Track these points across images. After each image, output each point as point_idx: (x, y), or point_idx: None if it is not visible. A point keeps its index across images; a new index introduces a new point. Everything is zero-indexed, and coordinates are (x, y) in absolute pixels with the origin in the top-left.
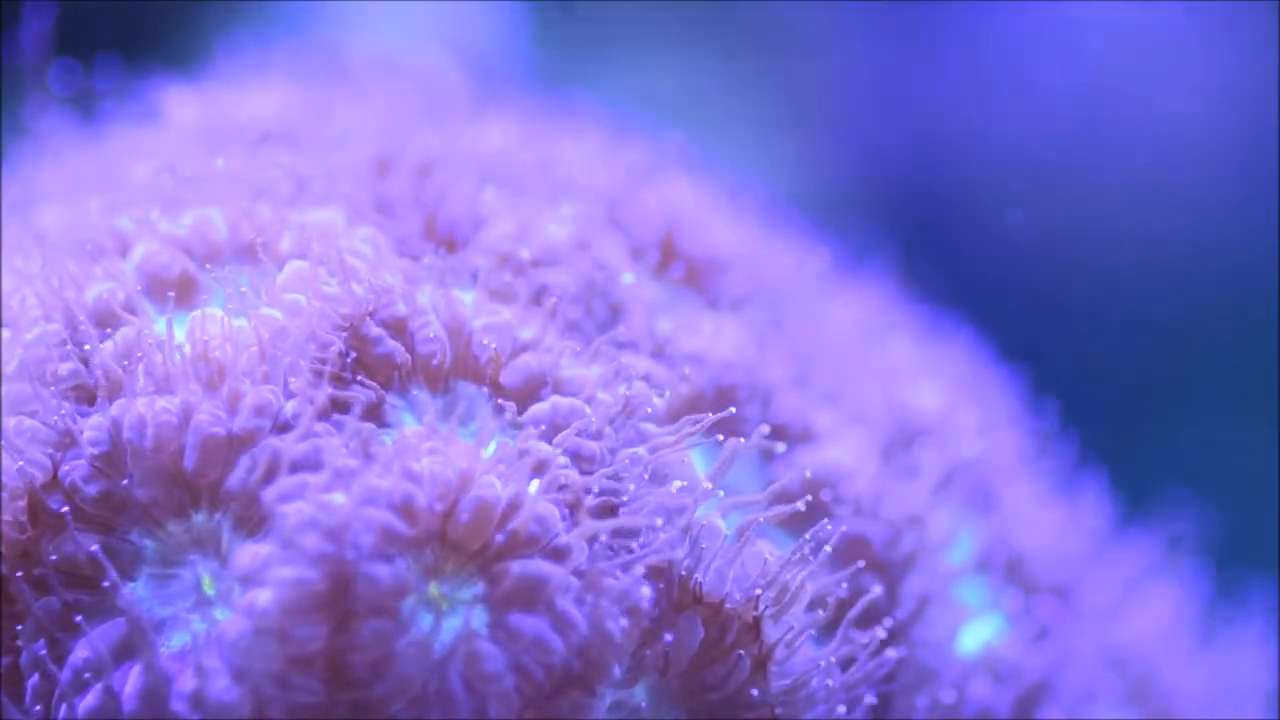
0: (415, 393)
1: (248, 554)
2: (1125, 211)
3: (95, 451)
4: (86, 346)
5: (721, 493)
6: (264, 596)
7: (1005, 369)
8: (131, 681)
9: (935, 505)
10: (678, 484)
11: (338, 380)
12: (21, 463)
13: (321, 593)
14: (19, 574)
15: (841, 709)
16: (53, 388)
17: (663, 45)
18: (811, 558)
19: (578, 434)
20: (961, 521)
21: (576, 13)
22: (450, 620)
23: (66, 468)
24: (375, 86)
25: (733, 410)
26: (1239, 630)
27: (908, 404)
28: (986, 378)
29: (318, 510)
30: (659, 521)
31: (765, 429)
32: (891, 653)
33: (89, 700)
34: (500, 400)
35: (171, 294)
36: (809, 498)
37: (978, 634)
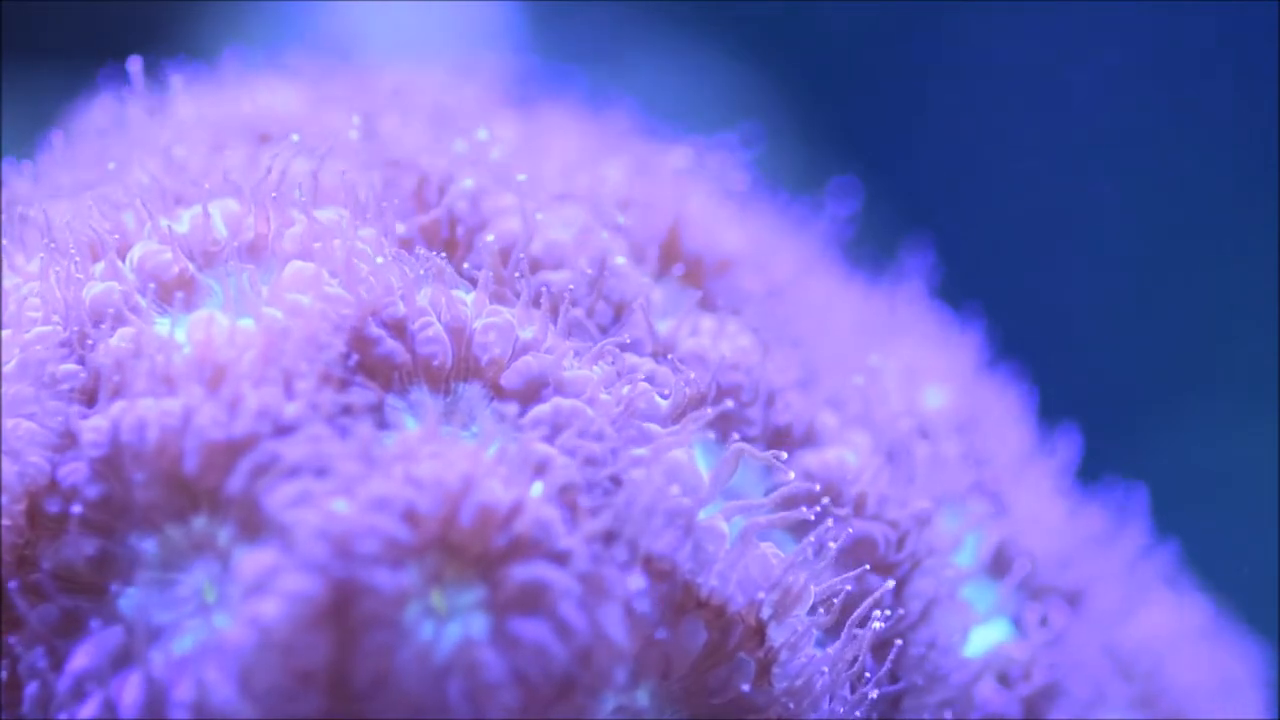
0: (416, 394)
1: (252, 562)
2: (1126, 208)
3: (95, 454)
4: (88, 342)
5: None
6: (269, 608)
7: (1010, 369)
8: (130, 690)
9: (941, 507)
10: (681, 486)
11: (339, 382)
12: (19, 466)
13: (326, 605)
14: (17, 580)
15: (845, 712)
16: (52, 389)
17: (665, 44)
18: (815, 560)
19: (580, 436)
20: (968, 523)
21: (580, 13)
22: (451, 627)
23: (65, 470)
24: (378, 86)
25: (730, 403)
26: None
27: (913, 405)
28: (992, 378)
29: (322, 519)
30: (662, 524)
31: (784, 454)
32: (895, 651)
33: (87, 710)
34: (502, 402)
35: (172, 294)
36: (817, 504)
37: (985, 636)
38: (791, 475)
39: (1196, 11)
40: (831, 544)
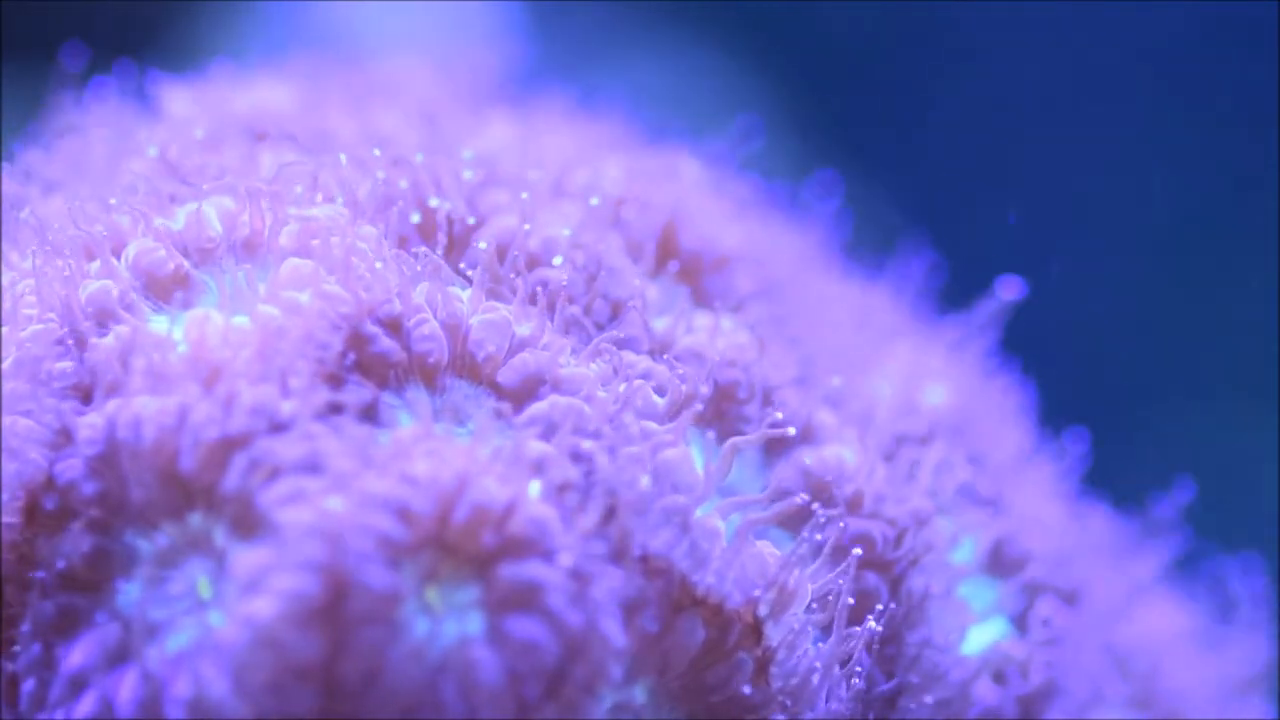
0: (412, 392)
1: (246, 560)
2: (1124, 205)
3: (91, 452)
4: (83, 340)
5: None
6: (263, 606)
7: (1011, 368)
8: (126, 687)
9: (939, 505)
10: (677, 483)
11: (335, 380)
12: (18, 464)
13: (319, 603)
14: (15, 578)
15: (843, 710)
16: (48, 386)
17: (663, 41)
18: (812, 558)
19: (576, 433)
20: (966, 521)
21: (576, 12)
22: (445, 625)
23: (62, 467)
24: (375, 84)
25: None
26: (1237, 624)
27: (911, 403)
28: (991, 376)
29: (316, 516)
30: (658, 521)
31: (778, 415)
32: (892, 649)
33: (84, 706)
34: (498, 399)
35: (167, 291)
36: (808, 499)
37: (983, 635)
38: (792, 430)
39: (1198, 10)
40: (828, 542)
